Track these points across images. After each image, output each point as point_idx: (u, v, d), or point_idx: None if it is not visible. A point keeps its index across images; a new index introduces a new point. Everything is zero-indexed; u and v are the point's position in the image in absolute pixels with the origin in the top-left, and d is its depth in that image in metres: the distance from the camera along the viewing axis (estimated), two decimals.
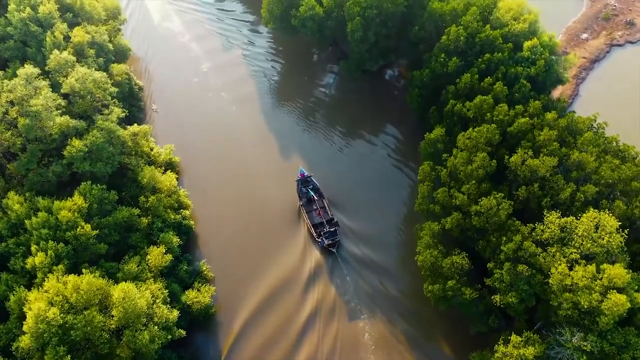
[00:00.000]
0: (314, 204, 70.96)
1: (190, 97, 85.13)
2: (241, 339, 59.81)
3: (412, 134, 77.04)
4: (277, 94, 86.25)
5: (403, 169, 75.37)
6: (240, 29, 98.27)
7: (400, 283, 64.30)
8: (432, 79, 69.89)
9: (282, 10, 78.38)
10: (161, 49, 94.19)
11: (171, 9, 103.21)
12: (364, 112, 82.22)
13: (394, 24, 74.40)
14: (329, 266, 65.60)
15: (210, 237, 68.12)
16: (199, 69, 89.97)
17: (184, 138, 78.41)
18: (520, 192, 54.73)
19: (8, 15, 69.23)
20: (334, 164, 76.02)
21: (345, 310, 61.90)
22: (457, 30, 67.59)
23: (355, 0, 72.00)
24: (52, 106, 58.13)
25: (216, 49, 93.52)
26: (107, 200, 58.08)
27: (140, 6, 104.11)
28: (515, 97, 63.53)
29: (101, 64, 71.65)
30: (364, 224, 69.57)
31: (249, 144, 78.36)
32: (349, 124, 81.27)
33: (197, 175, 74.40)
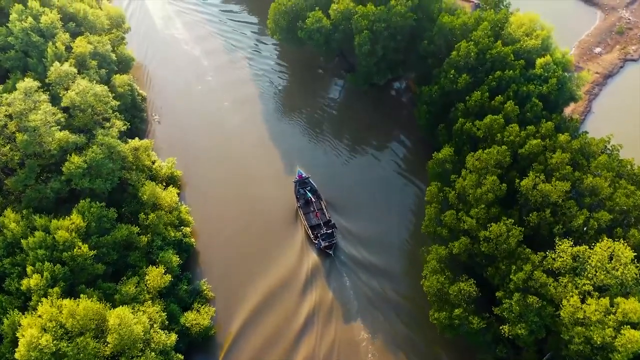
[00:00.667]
0: (312, 206, 70.39)
1: (192, 105, 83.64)
2: (239, 340, 59.35)
3: (420, 148, 75.59)
4: (283, 104, 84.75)
5: (409, 180, 73.86)
6: (245, 33, 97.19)
7: (401, 286, 63.49)
8: (441, 96, 68.10)
9: (288, 22, 76.75)
10: (164, 54, 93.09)
11: (172, 9, 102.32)
12: (371, 123, 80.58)
13: (402, 37, 72.63)
14: (326, 268, 65.06)
15: (209, 240, 67.49)
16: (202, 77, 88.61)
17: (186, 148, 77.09)
18: (531, 218, 52.90)
19: (9, 24, 67.92)
20: (339, 174, 74.72)
21: (343, 313, 61.34)
22: (468, 46, 65.76)
23: (363, 13, 70.29)
24: (51, 121, 56.75)
25: (221, 57, 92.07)
26: (106, 218, 56.73)
27: (140, 6, 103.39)
28: (526, 117, 61.68)
29: (103, 75, 70.25)
30: (364, 227, 68.81)
31: (251, 153, 77.03)
32: (355, 135, 79.65)
33: (198, 181, 73.33)
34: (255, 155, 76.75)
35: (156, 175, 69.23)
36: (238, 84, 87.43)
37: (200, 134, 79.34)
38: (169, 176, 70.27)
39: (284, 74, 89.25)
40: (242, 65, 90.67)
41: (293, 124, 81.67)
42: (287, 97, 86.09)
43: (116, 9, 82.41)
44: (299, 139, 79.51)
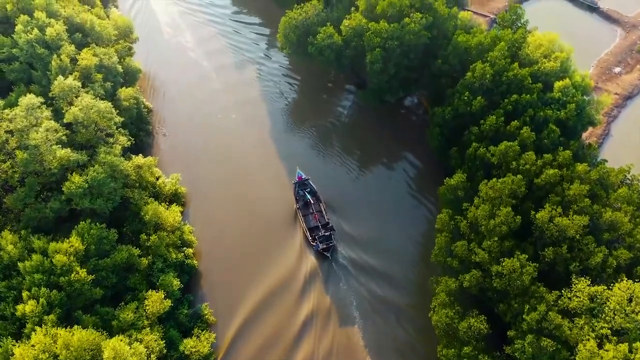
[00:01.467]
0: (311, 208, 69.80)
1: (199, 117, 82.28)
2: (238, 342, 58.91)
3: (432, 166, 73.61)
4: (292, 117, 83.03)
5: (419, 199, 71.90)
6: (258, 42, 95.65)
7: (401, 290, 62.71)
8: (455, 117, 65.91)
9: (299, 36, 74.89)
10: (171, 62, 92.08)
11: (177, 11, 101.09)
12: (381, 138, 78.65)
13: (415, 55, 70.54)
14: (324, 271, 64.57)
15: (210, 245, 66.93)
16: (209, 85, 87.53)
17: (191, 161, 75.85)
18: (547, 253, 50.66)
19: (15, 36, 66.67)
20: (348, 189, 73.19)
21: (342, 316, 60.76)
22: (483, 68, 63.56)
23: (376, 31, 68.24)
24: (52, 139, 55.27)
25: (229, 68, 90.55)
26: (106, 240, 55.20)
27: (146, 7, 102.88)
28: (543, 143, 59.35)
29: (108, 88, 68.78)
30: (364, 231, 67.95)
31: (258, 167, 75.59)
32: (365, 151, 77.84)
33: (203, 194, 72.14)
34: (262, 170, 75.18)
35: (160, 192, 67.72)
36: (247, 96, 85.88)
37: (206, 147, 77.76)
38: (172, 193, 68.62)
39: (294, 84, 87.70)
40: (251, 75, 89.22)
41: (302, 137, 79.97)
42: (297, 110, 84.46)
43: (124, 19, 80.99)
44: (308, 153, 77.80)
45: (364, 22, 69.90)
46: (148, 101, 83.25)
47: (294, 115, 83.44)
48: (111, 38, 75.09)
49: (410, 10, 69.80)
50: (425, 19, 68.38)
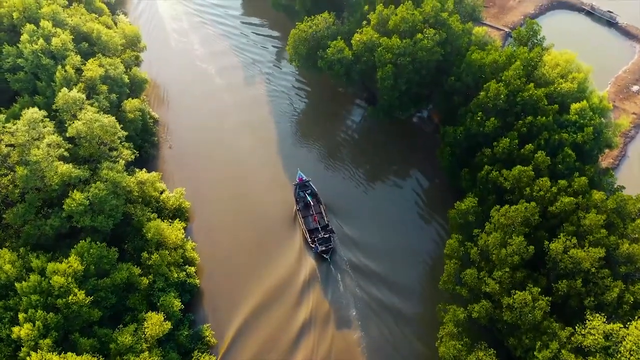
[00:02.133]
0: (311, 209, 69.67)
1: (205, 127, 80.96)
2: (236, 344, 58.96)
3: (443, 182, 71.77)
4: (300, 126, 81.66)
5: (428, 218, 70.20)
6: (266, 46, 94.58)
7: (401, 294, 62.39)
8: (467, 138, 63.97)
9: (308, 49, 73.27)
10: (178, 71, 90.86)
11: (185, 15, 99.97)
12: (392, 152, 76.94)
13: (428, 72, 68.63)
14: (323, 273, 64.63)
15: (208, 246, 66.85)
16: (217, 95, 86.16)
17: (196, 174, 74.46)
18: (560, 286, 48.76)
19: (20, 45, 65.68)
20: (356, 202, 71.89)
21: (341, 320, 60.61)
22: (498, 87, 61.61)
23: (387, 46, 66.45)
24: (53, 155, 54.08)
25: (237, 73, 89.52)
26: (106, 259, 53.91)
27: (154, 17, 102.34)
28: (558, 168, 57.32)
29: (114, 100, 67.63)
30: (367, 236, 67.51)
31: (264, 182, 74.20)
32: (374, 164, 76.19)
33: (207, 208, 70.95)
34: (268, 181, 74.01)
35: (163, 207, 66.47)
36: (254, 103, 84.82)
37: (212, 160, 76.35)
38: (176, 208, 67.29)
39: (303, 95, 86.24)
40: (260, 82, 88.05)
41: (311, 150, 78.52)
42: (306, 121, 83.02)
43: (132, 28, 79.92)
44: (316, 166, 76.28)
45: (376, 37, 68.14)
46: (154, 111, 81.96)
47: (303, 126, 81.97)
48: (118, 48, 73.93)
49: (423, 25, 67.96)
50: (439, 35, 66.51)
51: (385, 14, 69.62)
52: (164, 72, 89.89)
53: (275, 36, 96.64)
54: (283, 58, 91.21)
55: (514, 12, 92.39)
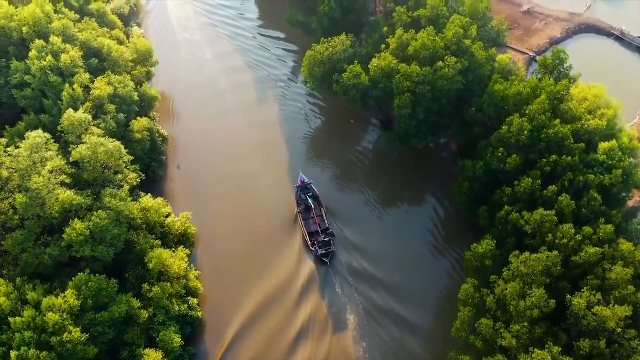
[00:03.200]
0: (312, 212, 69.61)
1: (215, 144, 79.03)
2: (234, 347, 58.69)
3: (459, 212, 68.39)
4: (313, 145, 79.33)
5: (441, 250, 67.17)
6: (285, 60, 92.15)
7: (402, 299, 61.81)
8: (486, 173, 60.93)
9: (324, 72, 70.71)
10: (185, 79, 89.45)
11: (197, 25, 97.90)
12: (407, 176, 74.11)
13: (447, 100, 65.67)
14: (321, 276, 64.41)
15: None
16: (229, 111, 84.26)
17: (203, 195, 72.62)
18: (582, 345, 45.54)
19: (28, 61, 64.05)
20: (367, 225, 69.68)
21: (339, 324, 60.25)
22: (521, 122, 58.49)
23: (406, 73, 63.66)
24: (54, 183, 52.16)
25: (250, 93, 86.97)
26: (105, 292, 51.83)
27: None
28: (582, 212, 54.02)
29: (121, 119, 65.68)
30: (378, 266, 65.39)
31: (272, 198, 72.46)
32: (388, 188, 73.57)
33: (213, 229, 69.41)
34: (277, 199, 72.13)
35: (168, 232, 64.35)
36: (266, 117, 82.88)
37: (222, 182, 74.18)
38: (181, 233, 65.14)
39: (317, 108, 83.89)
40: (273, 95, 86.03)
41: (324, 169, 76.26)
42: (319, 138, 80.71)
43: (144, 43, 78.02)
44: (328, 185, 74.21)
45: (394, 63, 65.34)
46: (163, 126, 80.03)
47: (316, 143, 79.67)
48: (127, 65, 71.99)
49: (444, 52, 65.03)
50: (461, 63, 63.52)
51: (405, 38, 66.79)
52: (174, 83, 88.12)
53: (291, 50, 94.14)
54: (298, 72, 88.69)
55: (539, 34, 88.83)
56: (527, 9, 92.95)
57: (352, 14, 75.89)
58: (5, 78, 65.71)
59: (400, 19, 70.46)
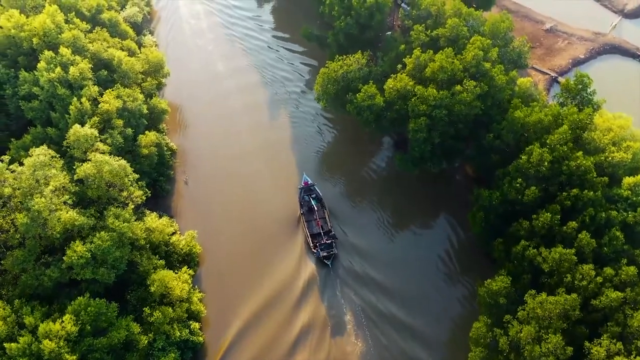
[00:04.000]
0: (314, 214, 69.17)
1: (225, 159, 77.16)
2: (233, 349, 58.45)
3: (472, 240, 66.10)
4: (326, 160, 77.65)
5: (453, 277, 65.15)
6: (302, 74, 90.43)
7: (403, 306, 61.85)
8: (503, 203, 58.55)
9: (337, 90, 68.75)
10: (198, 90, 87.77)
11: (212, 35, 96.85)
12: (419, 199, 72.28)
13: (465, 125, 63.37)
14: (322, 278, 64.40)
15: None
16: (238, 119, 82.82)
17: (210, 211, 71.00)
18: None
19: (37, 73, 62.87)
20: (380, 249, 67.63)
21: (339, 327, 60.16)
22: (541, 153, 56.03)
23: (422, 97, 61.46)
24: (57, 204, 50.77)
25: (262, 106, 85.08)
26: (104, 317, 50.33)
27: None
28: (603, 251, 51.50)
29: (129, 134, 64.27)
30: (391, 280, 64.66)
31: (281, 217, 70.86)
32: (399, 209, 71.75)
33: (219, 247, 67.84)
34: (287, 216, 70.67)
35: (173, 251, 62.87)
36: (279, 129, 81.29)
37: (230, 199, 72.39)
38: (186, 253, 63.60)
39: (331, 123, 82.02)
40: (286, 107, 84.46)
41: (335, 183, 74.89)
42: (332, 153, 79.03)
43: (156, 54, 76.47)
44: (339, 202, 72.55)
45: (410, 85, 63.17)
46: (172, 138, 78.68)
47: (328, 158, 78.06)
48: (138, 76, 70.61)
49: (463, 74, 62.70)
50: (480, 87, 61.18)
51: (423, 59, 64.58)
52: (185, 93, 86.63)
53: (308, 63, 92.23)
54: (313, 84, 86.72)
55: (561, 54, 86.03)
56: (549, 27, 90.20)
57: (369, 31, 73.72)
58: (13, 88, 64.53)
59: (419, 38, 68.25)
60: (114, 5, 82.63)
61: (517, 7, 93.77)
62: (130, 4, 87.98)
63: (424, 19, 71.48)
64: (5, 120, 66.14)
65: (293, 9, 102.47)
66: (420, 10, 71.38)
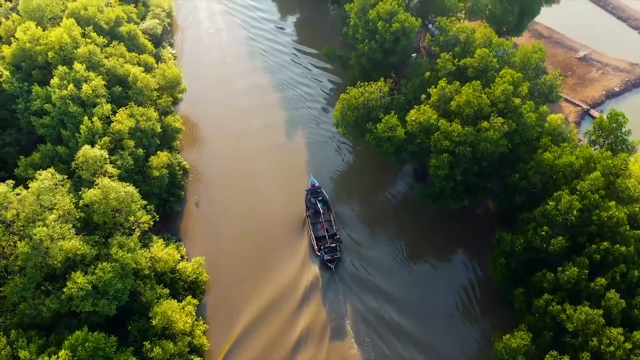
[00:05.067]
0: (320, 217, 69.12)
1: (239, 179, 75.13)
2: (233, 352, 58.30)
3: (491, 281, 62.20)
4: (342, 183, 75.17)
5: (470, 317, 61.74)
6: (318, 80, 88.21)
7: (404, 313, 61.24)
8: (526, 250, 55.22)
9: (357, 118, 66.02)
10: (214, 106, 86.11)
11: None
12: (438, 232, 68.93)
13: (489, 163, 60.11)
14: (325, 281, 64.20)
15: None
16: (254, 135, 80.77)
17: (220, 237, 68.72)
18: None
19: (49, 89, 61.46)
20: (394, 281, 64.97)
21: (339, 332, 59.77)
22: (570, 200, 52.59)
23: (446, 132, 58.41)
24: (59, 233, 49.02)
25: (281, 136, 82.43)
26: (102, 352, 48.40)
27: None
28: (633, 314, 48.01)
29: (140, 155, 62.47)
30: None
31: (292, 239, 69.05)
32: (416, 241, 68.72)
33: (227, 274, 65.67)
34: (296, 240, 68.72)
35: (179, 278, 60.90)
36: (296, 148, 79.24)
37: (243, 226, 69.95)
38: (192, 281, 61.57)
39: (350, 145, 79.47)
40: (305, 125, 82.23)
41: (351, 207, 72.28)
42: (349, 178, 76.29)
43: (173, 70, 74.45)
44: (356, 227, 70.09)
45: (434, 119, 60.12)
46: (186, 154, 77.10)
47: (346, 182, 75.61)
48: (153, 94, 68.78)
49: (490, 109, 59.49)
50: (508, 125, 57.85)
51: (448, 91, 61.49)
52: (202, 106, 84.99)
53: (332, 80, 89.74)
54: (335, 101, 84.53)
55: (594, 85, 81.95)
56: (583, 55, 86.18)
57: (394, 56, 70.77)
58: (25, 103, 63.26)
59: (445, 67, 65.18)
60: (134, 17, 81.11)
61: (550, 32, 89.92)
62: (150, 16, 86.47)
63: (452, 45, 68.33)
64: (16, 134, 64.94)
65: (318, 23, 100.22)
66: (448, 37, 68.25)
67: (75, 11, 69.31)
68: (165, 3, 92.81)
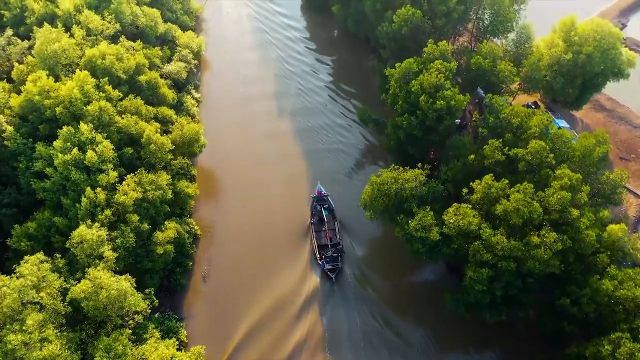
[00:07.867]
0: (324, 225, 68.44)
1: (251, 248, 68.79)
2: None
3: None
4: (366, 259, 68.00)
5: None
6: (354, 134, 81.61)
7: (404, 324, 60.47)
8: None
9: (387, 205, 58.69)
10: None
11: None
12: (471, 342, 60.41)
13: (535, 280, 52.01)
14: (325, 291, 63.12)
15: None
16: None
17: (229, 322, 62.18)
18: None
19: (52, 152, 56.27)
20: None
21: (336, 343, 58.75)
22: (632, 349, 44.15)
23: (487, 244, 50.58)
24: (36, 340, 43.38)
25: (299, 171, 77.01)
26: None
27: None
28: None
29: (145, 230, 56.71)
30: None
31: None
32: (441, 338, 60.69)
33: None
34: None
35: None
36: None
37: (250, 309, 63.17)
38: None
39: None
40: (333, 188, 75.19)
41: (374, 289, 64.85)
42: (375, 253, 68.97)
43: (192, 126, 68.29)
44: (380, 312, 62.82)
45: (475, 224, 52.34)
46: (200, 209, 71.24)
47: (371, 256, 68.26)
48: (167, 157, 62.91)
49: (542, 220, 51.38)
50: (562, 242, 49.63)
51: (494, 191, 53.58)
52: (219, 155, 78.82)
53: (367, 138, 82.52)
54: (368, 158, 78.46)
55: None
56: None
57: (435, 134, 63.19)
58: (27, 162, 58.28)
59: (493, 156, 57.27)
60: (157, 62, 75.52)
61: (613, 105, 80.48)
62: (176, 58, 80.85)
63: (503, 129, 60.31)
64: (15, 194, 60.01)
65: (356, 66, 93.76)
66: (499, 120, 60.25)
67: (92, 60, 64.01)
68: (194, 43, 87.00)
